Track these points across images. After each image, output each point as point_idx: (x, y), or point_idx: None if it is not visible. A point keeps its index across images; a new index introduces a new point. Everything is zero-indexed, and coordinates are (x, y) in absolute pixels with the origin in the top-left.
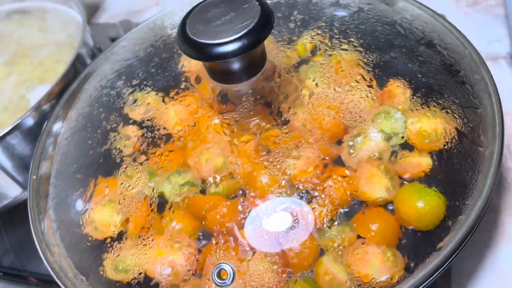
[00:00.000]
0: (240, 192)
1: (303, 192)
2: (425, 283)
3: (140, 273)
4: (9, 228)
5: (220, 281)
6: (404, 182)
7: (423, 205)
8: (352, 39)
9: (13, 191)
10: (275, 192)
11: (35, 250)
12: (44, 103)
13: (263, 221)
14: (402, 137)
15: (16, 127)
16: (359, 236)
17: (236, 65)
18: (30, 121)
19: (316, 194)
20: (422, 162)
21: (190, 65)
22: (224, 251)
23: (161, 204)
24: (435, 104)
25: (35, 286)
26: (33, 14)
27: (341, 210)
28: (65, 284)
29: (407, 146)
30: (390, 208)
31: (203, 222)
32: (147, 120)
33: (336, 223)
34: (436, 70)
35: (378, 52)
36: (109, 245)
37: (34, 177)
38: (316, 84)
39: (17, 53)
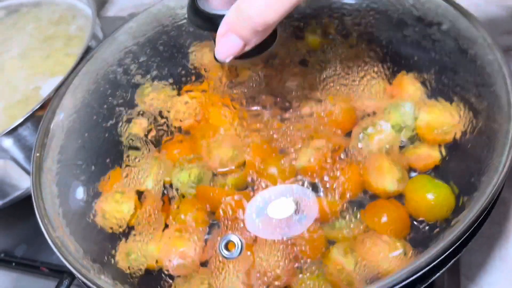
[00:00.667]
0: (250, 179)
1: (312, 181)
2: (439, 259)
3: (152, 263)
4: (21, 219)
5: (227, 253)
6: (414, 173)
7: (433, 197)
8: (362, 27)
9: (25, 182)
10: (283, 180)
11: (46, 240)
12: (56, 95)
13: (269, 208)
14: (413, 129)
15: (28, 118)
16: (368, 228)
17: None
18: (41, 113)
19: (327, 185)
20: (433, 154)
21: (201, 54)
22: (232, 221)
23: (171, 194)
24: (446, 93)
25: (47, 276)
26: (43, 6)
27: (351, 202)
28: (67, 259)
29: (417, 137)
30: (400, 200)
31: (213, 213)
32: (156, 110)
33: (345, 214)
34: (448, 58)
35: (388, 42)
36: (117, 235)
37: (38, 154)
38: (327, 75)
39: (29, 46)
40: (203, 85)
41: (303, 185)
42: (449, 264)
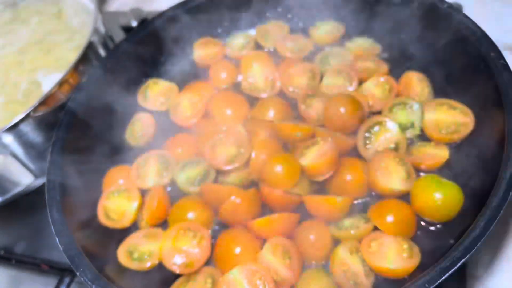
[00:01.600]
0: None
1: None
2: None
3: (154, 261)
4: (21, 216)
5: None
6: (421, 173)
7: (441, 197)
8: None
9: (26, 179)
10: None
11: (47, 237)
12: (57, 90)
13: None
14: (419, 128)
15: (29, 114)
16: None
17: None
18: (42, 109)
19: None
20: (440, 153)
21: (203, 54)
22: None
23: (176, 193)
24: (452, 94)
25: (47, 274)
26: (45, 0)
27: (357, 201)
28: None
29: (424, 137)
30: (407, 199)
31: (218, 212)
32: (161, 109)
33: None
34: (453, 58)
35: (394, 42)
36: (123, 233)
37: None
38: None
39: (31, 40)
40: (208, 84)
41: None
42: (458, 265)
